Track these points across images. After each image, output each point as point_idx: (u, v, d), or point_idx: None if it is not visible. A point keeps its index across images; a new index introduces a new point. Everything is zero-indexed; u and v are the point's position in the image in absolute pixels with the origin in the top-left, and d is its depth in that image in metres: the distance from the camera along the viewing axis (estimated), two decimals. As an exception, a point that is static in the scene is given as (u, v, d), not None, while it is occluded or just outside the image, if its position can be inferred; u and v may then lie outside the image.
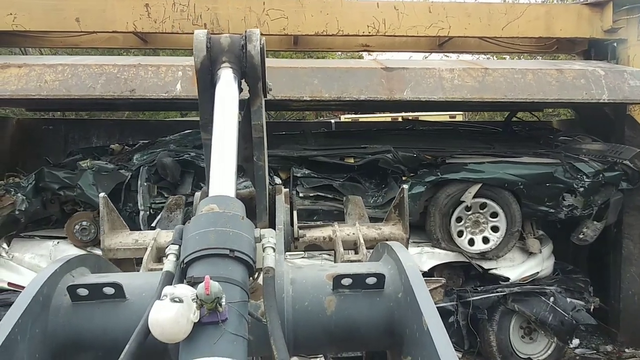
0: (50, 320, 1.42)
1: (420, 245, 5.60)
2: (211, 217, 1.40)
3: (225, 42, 1.93)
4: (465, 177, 5.42)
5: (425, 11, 5.93)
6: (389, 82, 5.15)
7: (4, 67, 4.96)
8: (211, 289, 1.18)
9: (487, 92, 5.19)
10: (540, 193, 5.50)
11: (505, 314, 5.55)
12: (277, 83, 4.93)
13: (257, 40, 1.93)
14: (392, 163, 5.48)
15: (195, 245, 1.33)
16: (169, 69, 5.05)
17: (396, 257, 1.58)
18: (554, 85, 5.25)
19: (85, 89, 4.91)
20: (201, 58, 1.91)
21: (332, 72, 5.20)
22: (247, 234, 1.42)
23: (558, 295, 5.47)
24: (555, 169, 5.51)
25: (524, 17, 5.88)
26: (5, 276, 5.44)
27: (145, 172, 5.35)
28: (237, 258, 1.34)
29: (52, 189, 5.36)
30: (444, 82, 5.20)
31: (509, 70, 5.32)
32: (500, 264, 5.65)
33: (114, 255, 2.80)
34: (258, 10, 6.00)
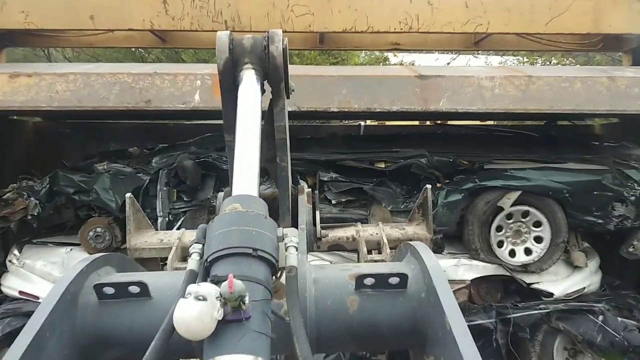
0: (78, 318, 1.47)
1: (456, 257, 5.22)
2: (234, 216, 1.43)
3: (248, 43, 1.96)
4: (505, 185, 5.03)
5: (462, 6, 5.55)
6: (424, 92, 4.78)
7: (13, 76, 4.71)
8: (235, 287, 1.20)
9: (531, 102, 4.78)
10: (587, 202, 5.08)
11: (549, 333, 5.12)
12: (303, 93, 4.62)
13: (279, 40, 1.97)
14: (426, 168, 5.11)
15: (218, 244, 1.36)
16: (187, 77, 4.75)
17: (419, 257, 1.59)
18: (605, 95, 4.81)
19: (98, 100, 4.65)
20: (224, 59, 1.94)
21: (361, 80, 4.84)
22: (270, 233, 1.44)
23: (607, 313, 5.03)
24: (604, 176, 5.08)
25: (570, 12, 5.48)
26: (16, 284, 5.23)
27: (164, 176, 5.08)
28: (260, 257, 1.36)
29: (66, 193, 5.11)
30: (484, 92, 4.80)
31: (555, 78, 4.89)
32: (543, 278, 5.23)
33: (139, 254, 2.89)
34: (282, 6, 5.70)
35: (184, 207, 5.09)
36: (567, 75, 4.94)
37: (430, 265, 1.50)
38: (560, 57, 13.19)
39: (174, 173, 5.11)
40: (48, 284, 5.14)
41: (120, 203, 4.98)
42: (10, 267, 5.29)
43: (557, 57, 12.98)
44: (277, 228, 1.50)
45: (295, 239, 1.52)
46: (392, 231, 2.97)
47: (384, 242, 2.77)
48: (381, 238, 2.84)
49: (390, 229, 2.98)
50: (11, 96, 4.62)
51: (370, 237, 2.86)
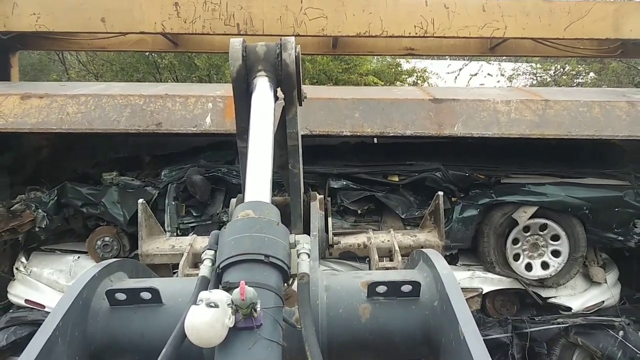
0: (89, 323, 1.49)
1: (471, 269, 5.09)
2: (247, 223, 1.43)
3: (261, 51, 1.99)
4: (522, 200, 4.89)
5: (479, 10, 5.42)
6: (438, 116, 4.68)
7: (25, 98, 4.70)
8: (246, 295, 1.20)
9: (549, 127, 4.67)
10: (608, 218, 4.93)
11: (566, 348, 4.97)
12: (316, 116, 4.53)
13: (292, 48, 1.98)
14: (441, 182, 4.97)
15: (230, 251, 1.36)
16: (198, 100, 4.71)
17: (432, 265, 1.58)
18: (625, 120, 4.68)
19: (108, 122, 4.61)
20: (237, 67, 1.96)
21: (375, 104, 4.75)
22: (282, 239, 1.44)
23: (628, 328, 4.86)
24: (625, 192, 4.93)
25: (590, 16, 5.32)
26: (22, 292, 5.19)
27: (173, 190, 4.99)
28: (272, 264, 1.36)
29: (74, 205, 5.05)
30: (500, 116, 4.69)
31: (573, 102, 4.77)
32: (560, 292, 5.09)
33: (151, 260, 2.91)
34: (295, 9, 5.62)
35: (192, 222, 5.00)
36: (585, 100, 4.83)
37: (443, 273, 1.50)
38: (575, 63, 13.01)
39: (183, 187, 5.03)
40: (54, 292, 5.09)
41: (129, 217, 4.91)
42: (17, 274, 5.24)
43: (570, 64, 12.79)
44: (289, 235, 1.50)
45: (307, 245, 1.51)
46: (404, 238, 2.96)
47: (396, 249, 2.74)
48: (393, 245, 2.81)
49: (402, 236, 2.95)
50: (22, 118, 4.59)
51: (381, 244, 2.84)
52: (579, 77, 13.92)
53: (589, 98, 4.91)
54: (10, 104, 4.66)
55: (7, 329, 4.96)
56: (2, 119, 4.60)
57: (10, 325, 4.98)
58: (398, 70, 13.58)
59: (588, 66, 13.18)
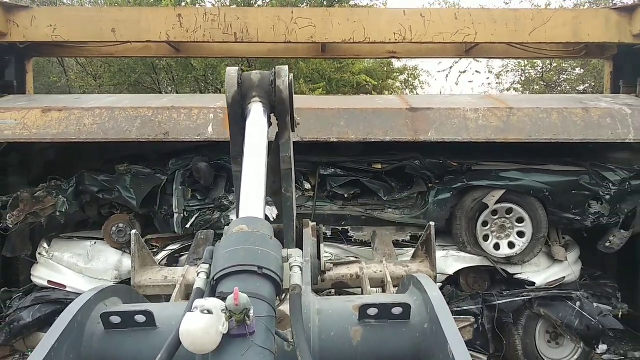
0: (84, 346, 1.49)
1: (446, 249, 5.67)
2: (241, 237, 1.49)
3: (256, 78, 2.08)
4: (491, 184, 5.48)
5: (452, 18, 5.99)
6: (414, 123, 5.28)
7: (46, 111, 5.30)
8: (240, 300, 1.24)
9: (512, 132, 5.28)
10: (566, 200, 5.52)
11: (531, 318, 5.57)
12: (305, 124, 5.15)
13: (285, 76, 2.08)
14: (419, 169, 5.56)
15: (225, 263, 1.41)
16: (201, 111, 5.31)
17: (422, 288, 1.60)
18: (580, 125, 5.30)
19: (121, 132, 5.20)
20: (233, 93, 2.05)
21: (358, 113, 5.36)
22: (275, 252, 1.49)
23: (585, 300, 5.46)
24: (581, 176, 5.52)
25: (551, 22, 5.89)
26: (45, 275, 5.74)
27: (180, 176, 5.54)
28: (265, 275, 1.41)
29: (91, 191, 5.61)
30: (469, 123, 5.30)
31: (534, 109, 5.38)
32: (525, 269, 5.67)
33: (143, 292, 2.92)
34: (286, 19, 6.15)
35: (197, 205, 5.57)
36: (544, 107, 5.43)
37: (432, 295, 1.52)
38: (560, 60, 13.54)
39: (189, 174, 5.55)
40: (74, 274, 5.64)
41: (141, 201, 5.49)
42: (40, 259, 5.78)
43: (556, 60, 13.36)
44: (282, 249, 1.56)
45: (299, 259, 1.57)
46: (396, 268, 2.99)
47: (388, 280, 2.77)
48: (385, 276, 2.84)
49: (394, 266, 2.99)
50: (44, 129, 5.18)
51: (374, 275, 2.86)
52: (564, 73, 14.42)
53: (549, 105, 5.50)
54: (33, 117, 5.25)
55: (33, 307, 5.50)
56: (27, 130, 5.19)
57: (36, 303, 5.53)
58: (390, 69, 14.06)
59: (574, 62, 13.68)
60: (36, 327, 5.51)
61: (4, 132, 5.18)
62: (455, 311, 5.43)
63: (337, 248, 5.69)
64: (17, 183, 5.80)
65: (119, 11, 6.88)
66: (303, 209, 5.53)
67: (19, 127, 5.18)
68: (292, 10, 6.36)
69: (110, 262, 5.62)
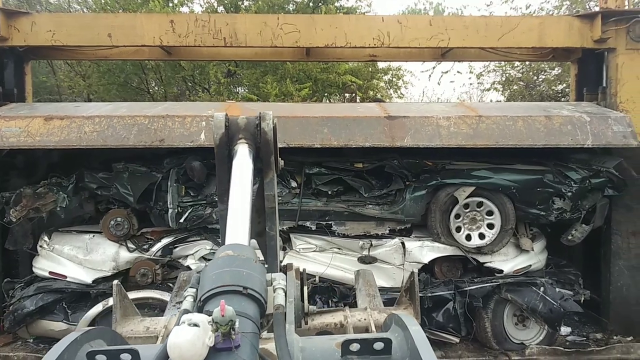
0: None
1: (421, 240, 6.13)
2: (226, 260, 1.57)
3: (242, 122, 2.21)
4: (463, 182, 5.93)
5: (427, 24, 6.41)
6: (391, 130, 5.72)
7: (48, 119, 5.66)
8: (226, 311, 1.29)
9: (481, 138, 5.73)
10: (531, 197, 5.98)
11: (499, 303, 6.03)
12: (291, 132, 5.64)
13: (270, 119, 2.21)
14: (397, 168, 5.98)
15: (211, 284, 1.48)
16: (194, 119, 5.69)
17: (403, 325, 1.61)
18: (542, 132, 5.77)
19: (119, 139, 5.56)
20: (220, 135, 2.18)
21: (340, 121, 5.79)
22: (260, 275, 1.58)
23: (548, 286, 5.93)
24: (545, 175, 5.98)
25: (518, 28, 6.32)
26: (47, 266, 6.11)
27: (174, 174, 5.93)
28: (250, 295, 1.48)
29: (90, 188, 5.98)
30: (441, 130, 5.75)
31: (501, 117, 5.85)
32: (494, 258, 6.13)
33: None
34: (273, 24, 6.51)
35: (191, 201, 5.95)
36: (511, 115, 5.88)
37: (413, 329, 1.53)
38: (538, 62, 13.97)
39: (183, 172, 5.91)
40: (74, 265, 5.99)
41: (137, 197, 5.87)
42: (41, 251, 6.13)
43: (535, 62, 13.80)
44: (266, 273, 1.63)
45: (282, 282, 1.64)
46: (380, 316, 3.03)
47: (372, 329, 2.81)
48: (369, 324, 2.87)
49: (378, 314, 3.04)
50: (47, 137, 5.53)
51: (358, 323, 2.90)
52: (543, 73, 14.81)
53: (515, 113, 5.95)
54: (36, 125, 5.59)
55: (35, 296, 5.88)
56: (31, 137, 5.53)
57: (38, 293, 5.90)
58: (374, 69, 14.41)
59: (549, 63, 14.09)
60: (39, 315, 5.91)
61: (9, 139, 5.53)
62: (429, 296, 5.90)
63: (321, 240, 6.15)
64: (21, 181, 6.12)
65: (115, 17, 7.23)
66: (289, 205, 5.94)
67: (23, 135, 5.54)
68: (278, 16, 6.75)
69: (108, 254, 5.99)
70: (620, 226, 6.38)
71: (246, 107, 6.38)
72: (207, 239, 6.04)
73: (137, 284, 5.92)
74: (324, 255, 6.11)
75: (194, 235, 6.12)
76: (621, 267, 6.39)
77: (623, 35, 6.29)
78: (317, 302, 5.87)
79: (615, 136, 5.78)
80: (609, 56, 6.46)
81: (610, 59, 6.45)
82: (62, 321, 5.92)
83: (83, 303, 5.98)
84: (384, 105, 6.53)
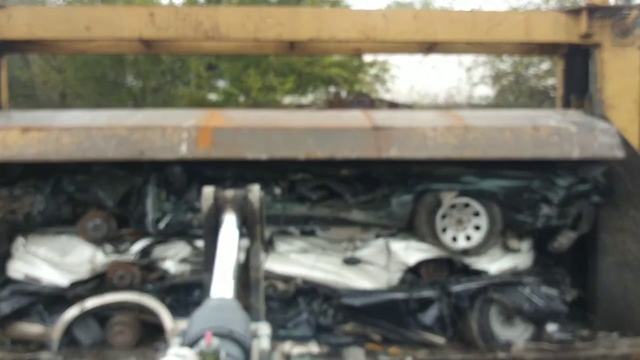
0: None
1: (407, 240, 6.05)
2: (213, 308, 1.67)
3: (230, 194, 2.33)
4: (450, 187, 5.87)
5: (412, 18, 6.30)
6: (378, 141, 5.59)
7: (25, 131, 5.45)
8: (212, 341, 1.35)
9: (468, 150, 5.64)
10: (518, 203, 5.94)
11: (485, 303, 5.95)
12: (276, 143, 5.49)
13: (257, 191, 2.33)
14: (383, 173, 5.91)
15: (197, 328, 1.56)
16: (175, 130, 5.50)
17: None
18: (529, 143, 5.69)
19: (99, 151, 5.39)
20: (209, 207, 2.29)
21: (325, 132, 5.65)
22: (244, 322, 1.67)
23: (534, 286, 5.90)
24: (532, 181, 5.93)
25: (505, 23, 6.23)
26: (22, 268, 5.90)
27: (155, 178, 5.79)
28: (235, 339, 1.56)
29: (68, 191, 5.82)
30: (428, 141, 5.63)
31: (488, 128, 5.76)
32: (481, 259, 6.08)
33: None
34: (256, 18, 6.34)
35: (171, 206, 5.81)
36: (498, 126, 5.80)
37: None
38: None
39: (163, 176, 5.78)
40: (50, 267, 5.83)
41: (117, 201, 5.74)
42: (16, 253, 5.94)
43: (523, 56, 13.77)
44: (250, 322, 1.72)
45: (267, 329, 1.73)
46: None
47: None
48: None
49: None
50: (24, 149, 5.34)
51: None
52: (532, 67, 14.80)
53: (503, 124, 5.88)
54: (13, 136, 5.40)
55: (11, 299, 5.70)
56: (8, 150, 5.35)
57: (13, 295, 5.72)
58: (361, 62, 14.23)
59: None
60: (14, 317, 5.72)
61: None
62: (414, 298, 5.82)
63: (305, 241, 6.11)
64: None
65: (93, 9, 7.05)
66: (273, 210, 5.82)
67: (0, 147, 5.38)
68: (260, 9, 6.61)
69: (85, 256, 5.82)
70: (607, 223, 6.32)
71: (228, 115, 6.19)
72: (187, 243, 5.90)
73: (114, 286, 5.76)
74: (307, 257, 6.00)
75: (173, 237, 5.96)
76: (608, 265, 6.34)
77: (608, 31, 6.24)
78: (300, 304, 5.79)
79: (601, 147, 5.76)
80: (595, 52, 6.39)
81: (595, 54, 6.38)
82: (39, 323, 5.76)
83: (59, 306, 5.80)
84: (369, 113, 6.38)
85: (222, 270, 1.99)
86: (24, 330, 5.81)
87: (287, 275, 5.87)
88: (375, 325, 5.86)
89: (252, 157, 5.45)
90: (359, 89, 13.77)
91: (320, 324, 5.80)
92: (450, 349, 5.93)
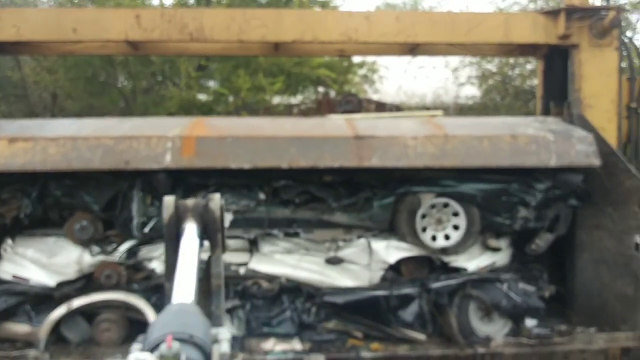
0: None
1: (387, 239, 6.17)
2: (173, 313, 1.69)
3: (190, 203, 2.37)
4: (429, 189, 6.01)
5: (393, 20, 6.41)
6: (359, 150, 5.71)
7: (12, 141, 5.53)
8: (173, 345, 1.36)
9: (447, 158, 5.77)
10: (496, 206, 6.07)
11: (464, 299, 6.09)
12: (259, 152, 5.58)
13: (217, 199, 2.37)
14: (365, 177, 6.02)
15: (157, 333, 1.57)
16: (160, 140, 5.59)
17: None
18: (507, 151, 5.82)
19: (84, 162, 5.48)
20: (169, 215, 2.34)
21: (308, 140, 5.76)
22: (204, 327, 1.69)
23: (511, 282, 6.04)
24: (510, 184, 6.06)
25: (484, 25, 6.35)
26: (10, 269, 5.97)
27: (140, 183, 5.88)
28: (196, 343, 1.57)
29: (55, 195, 5.89)
30: (408, 150, 5.75)
31: (468, 137, 5.88)
32: (459, 257, 6.21)
33: None
34: (240, 19, 6.43)
35: (156, 210, 5.86)
36: (476, 135, 5.92)
37: None
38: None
39: (148, 181, 5.85)
40: (38, 268, 5.91)
41: (103, 205, 5.83)
42: (4, 254, 6.01)
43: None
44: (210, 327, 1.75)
45: (226, 334, 1.77)
46: None
47: None
48: None
49: None
50: (11, 159, 5.42)
51: None
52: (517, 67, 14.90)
53: (482, 132, 6.00)
54: (0, 147, 5.48)
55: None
56: None
57: (1, 295, 5.78)
58: (349, 63, 14.26)
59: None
60: (2, 318, 5.80)
61: None
62: (395, 295, 5.93)
63: (289, 242, 6.21)
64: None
65: (80, 12, 7.12)
66: (257, 213, 5.94)
67: None
68: (244, 11, 6.70)
69: (72, 257, 5.91)
70: (584, 220, 6.45)
71: (212, 124, 6.28)
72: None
73: (101, 285, 5.85)
74: (291, 257, 6.10)
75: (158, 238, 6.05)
76: (585, 261, 6.48)
77: (586, 32, 6.36)
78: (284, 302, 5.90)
79: (578, 155, 5.87)
80: (573, 52, 6.52)
81: (574, 55, 6.51)
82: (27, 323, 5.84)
83: (47, 305, 5.89)
84: (351, 122, 6.47)
85: (183, 277, 2.03)
86: (11, 330, 5.88)
87: (271, 274, 5.99)
88: (357, 322, 5.98)
89: (235, 167, 5.56)
90: (348, 90, 13.83)
91: (303, 321, 5.92)
92: (430, 345, 6.07)
